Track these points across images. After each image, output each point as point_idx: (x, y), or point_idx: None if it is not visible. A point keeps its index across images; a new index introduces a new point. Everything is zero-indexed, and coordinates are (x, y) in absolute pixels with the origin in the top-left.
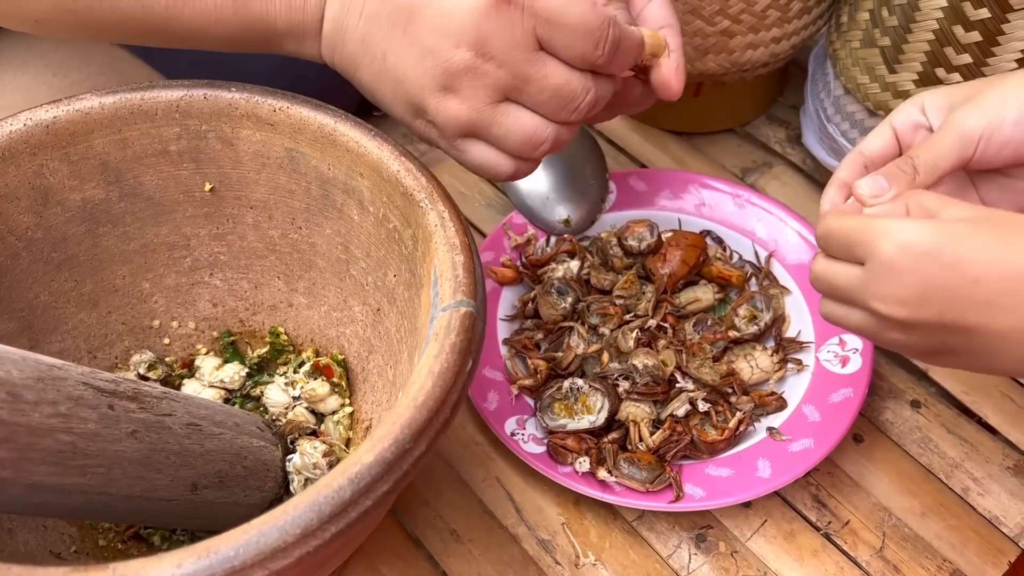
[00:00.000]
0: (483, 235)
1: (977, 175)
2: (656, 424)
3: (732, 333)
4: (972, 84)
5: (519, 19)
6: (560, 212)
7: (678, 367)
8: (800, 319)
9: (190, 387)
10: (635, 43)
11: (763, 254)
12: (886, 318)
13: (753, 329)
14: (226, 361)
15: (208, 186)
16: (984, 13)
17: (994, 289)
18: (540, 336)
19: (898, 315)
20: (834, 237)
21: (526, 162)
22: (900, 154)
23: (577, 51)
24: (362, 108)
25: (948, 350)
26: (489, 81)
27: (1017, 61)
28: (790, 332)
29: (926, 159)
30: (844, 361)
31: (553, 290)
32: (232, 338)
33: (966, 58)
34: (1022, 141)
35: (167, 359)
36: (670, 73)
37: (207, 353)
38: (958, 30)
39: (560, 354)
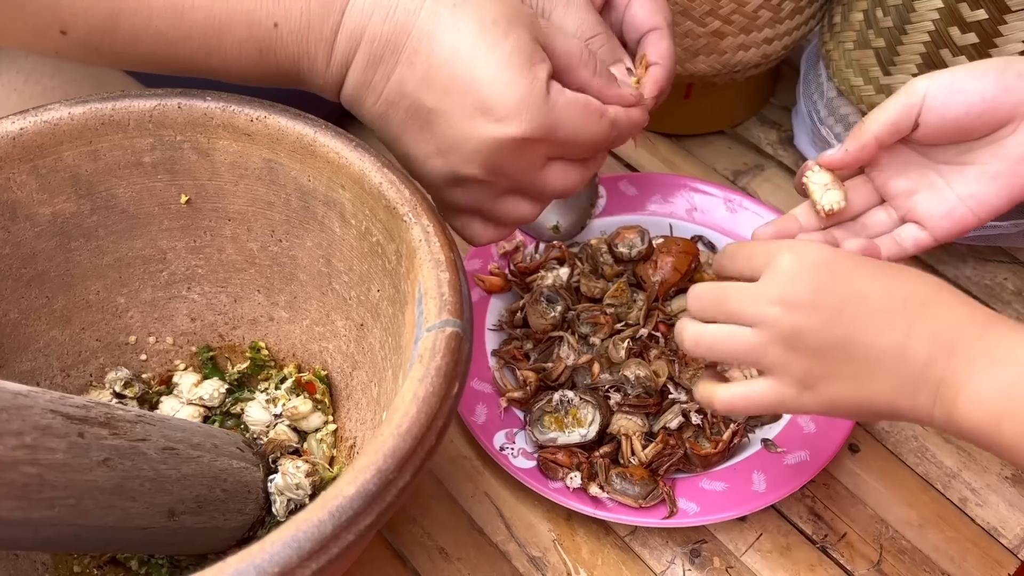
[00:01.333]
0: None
1: (946, 169)
2: (648, 437)
3: None
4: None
5: (536, 150)
6: (549, 218)
7: (671, 378)
8: None
9: (168, 404)
10: (633, 127)
11: None
12: (774, 324)
13: None
14: (205, 377)
15: (184, 198)
16: (981, 14)
17: (878, 307)
18: (529, 346)
19: (788, 320)
20: (736, 257)
21: (508, 230)
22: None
23: (583, 155)
24: (344, 116)
25: (830, 370)
26: (496, 190)
27: None
28: None
29: (873, 117)
30: None
31: (543, 298)
32: (211, 353)
33: (962, 60)
34: (970, 97)
35: (144, 376)
36: (648, 83)
37: (185, 369)
38: (954, 31)
39: (550, 365)
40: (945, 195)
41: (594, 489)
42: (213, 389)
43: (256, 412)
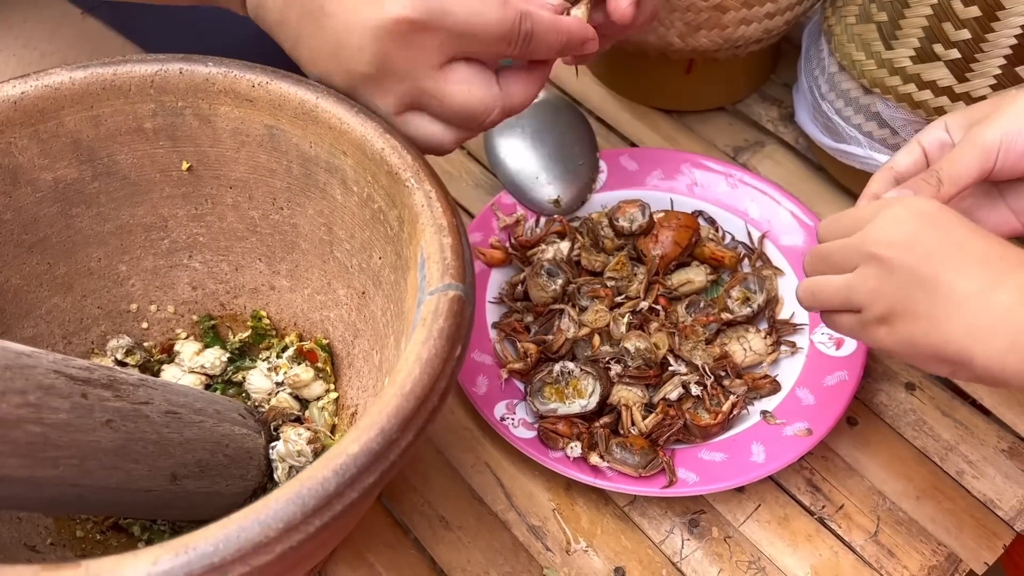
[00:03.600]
0: (471, 215)
1: (1005, 186)
2: (648, 408)
3: (725, 315)
4: (990, 102)
5: (424, 39)
6: (550, 192)
7: (670, 350)
8: (794, 301)
9: (170, 372)
10: (552, 30)
11: (756, 235)
12: (874, 260)
13: (746, 311)
14: (207, 346)
15: (185, 165)
16: None
17: (973, 256)
18: (530, 319)
19: (887, 254)
20: (843, 219)
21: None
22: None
23: (489, 54)
24: None
25: (910, 307)
26: (390, 93)
27: (1016, 36)
28: (784, 314)
29: (949, 172)
30: (839, 343)
31: (543, 272)
32: (213, 322)
33: (964, 34)
34: None
35: (145, 344)
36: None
37: (187, 338)
38: (957, 5)
39: (550, 337)
40: (999, 206)
41: (594, 458)
42: (215, 357)
43: (258, 380)
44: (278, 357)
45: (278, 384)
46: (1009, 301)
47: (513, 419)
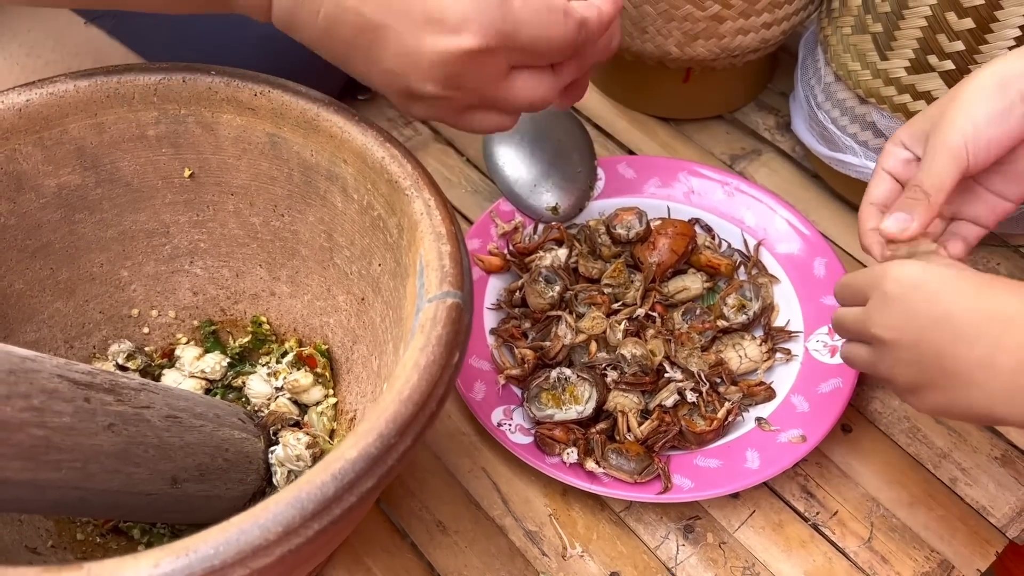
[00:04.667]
0: (469, 222)
1: (980, 176)
2: (644, 414)
3: (721, 322)
4: (935, 105)
5: (493, 61)
6: (548, 199)
7: (666, 357)
8: (789, 308)
9: (170, 377)
10: (603, 28)
11: (752, 243)
12: (880, 342)
13: (742, 318)
14: (207, 351)
15: (188, 172)
16: None
17: (963, 323)
18: (527, 325)
19: (887, 336)
20: (848, 288)
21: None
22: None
23: (549, 61)
24: (346, 91)
25: (928, 381)
26: (459, 104)
27: (1009, 48)
28: (779, 321)
29: (931, 182)
30: (833, 351)
31: (541, 278)
32: (213, 327)
33: (959, 45)
34: (999, 134)
35: (146, 349)
36: None
37: (187, 342)
38: (951, 16)
39: (548, 343)
40: (983, 196)
41: (590, 464)
42: (215, 362)
43: (257, 385)
44: (277, 362)
45: (277, 389)
46: (1013, 364)
47: (510, 425)
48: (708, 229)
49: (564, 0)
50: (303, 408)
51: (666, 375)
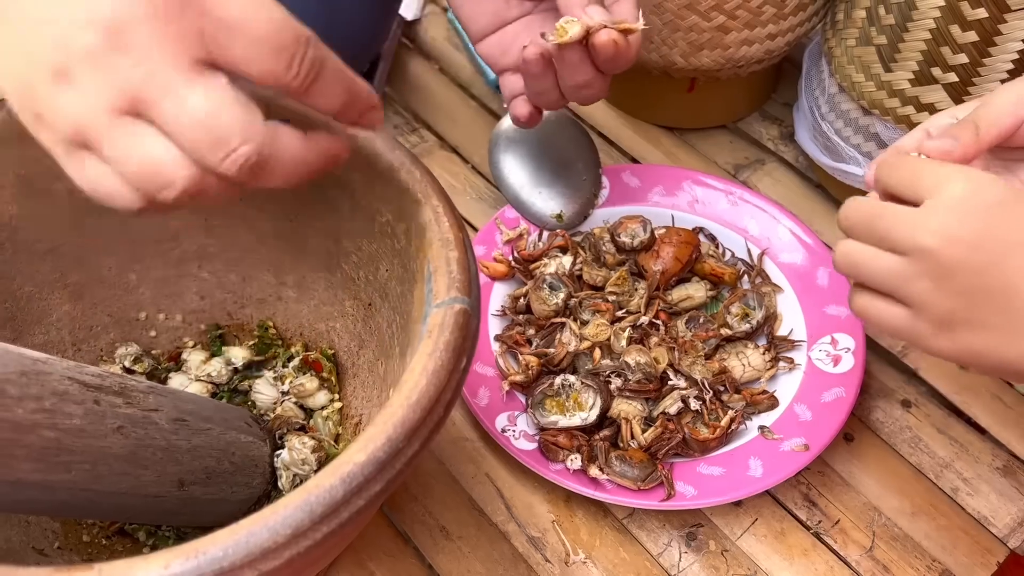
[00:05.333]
0: (475, 229)
1: (1017, 165)
2: (648, 422)
3: (724, 331)
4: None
5: (183, 15)
6: (552, 207)
7: (670, 364)
8: (792, 317)
9: (176, 381)
10: (345, 80)
11: (756, 252)
12: (927, 255)
13: (745, 327)
14: (213, 355)
15: None
16: (982, 13)
17: None
18: (532, 332)
19: (945, 253)
20: (899, 171)
21: (155, 202)
22: None
23: (260, 68)
24: None
25: (977, 317)
26: (115, 78)
27: (1013, 62)
28: (782, 330)
29: (987, 114)
30: (836, 360)
31: (545, 286)
32: (220, 331)
33: (962, 58)
34: None
35: (153, 352)
36: (600, 42)
37: (194, 346)
38: (955, 30)
39: (552, 350)
40: (1012, 182)
41: (594, 471)
42: (221, 366)
43: (264, 388)
44: (284, 367)
45: (283, 393)
46: None
47: (514, 431)
48: (712, 238)
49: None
50: (308, 412)
51: (670, 383)
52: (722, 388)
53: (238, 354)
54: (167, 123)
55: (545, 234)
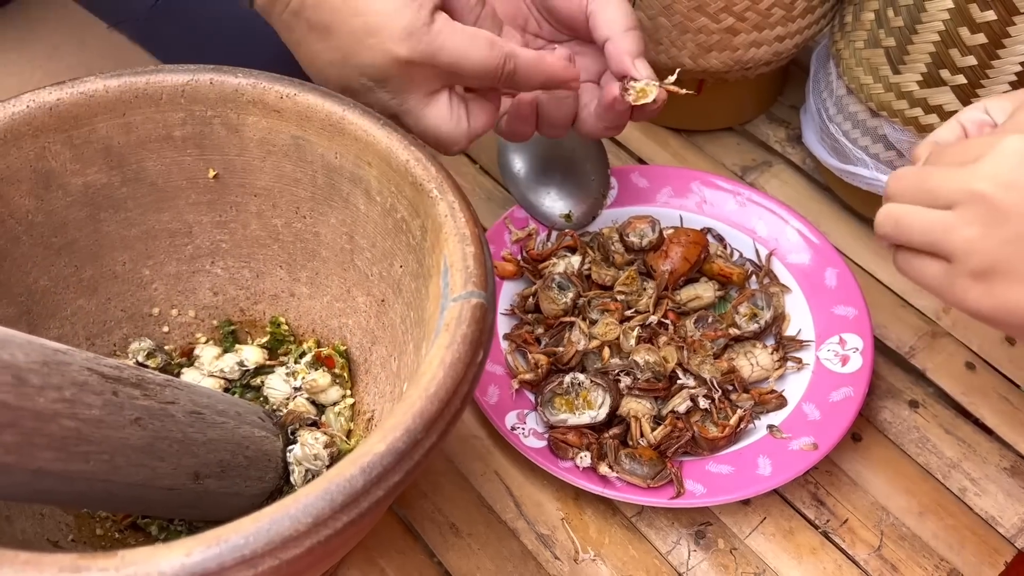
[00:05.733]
0: (484, 229)
1: None
2: (657, 420)
3: (732, 331)
4: None
5: (419, 72)
6: (561, 207)
7: (679, 363)
8: (800, 318)
9: (189, 376)
10: (535, 68)
11: (764, 252)
12: (978, 201)
13: (753, 327)
14: (226, 351)
15: (212, 173)
16: (990, 15)
17: None
18: (541, 331)
19: (999, 196)
20: (955, 146)
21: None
22: None
23: (480, 83)
24: None
25: (1010, 269)
26: (377, 101)
27: (1021, 64)
28: (790, 330)
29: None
30: (844, 360)
31: (554, 285)
32: (232, 327)
33: (971, 60)
34: None
35: (166, 347)
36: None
37: (207, 342)
38: (964, 32)
39: (561, 349)
40: None
41: (603, 468)
42: (233, 362)
43: (276, 384)
44: (296, 362)
45: (296, 389)
46: None
47: (524, 429)
48: (720, 238)
49: (492, 35)
50: (320, 408)
51: (679, 382)
52: (731, 387)
53: (250, 356)
54: (407, 128)
55: (554, 234)
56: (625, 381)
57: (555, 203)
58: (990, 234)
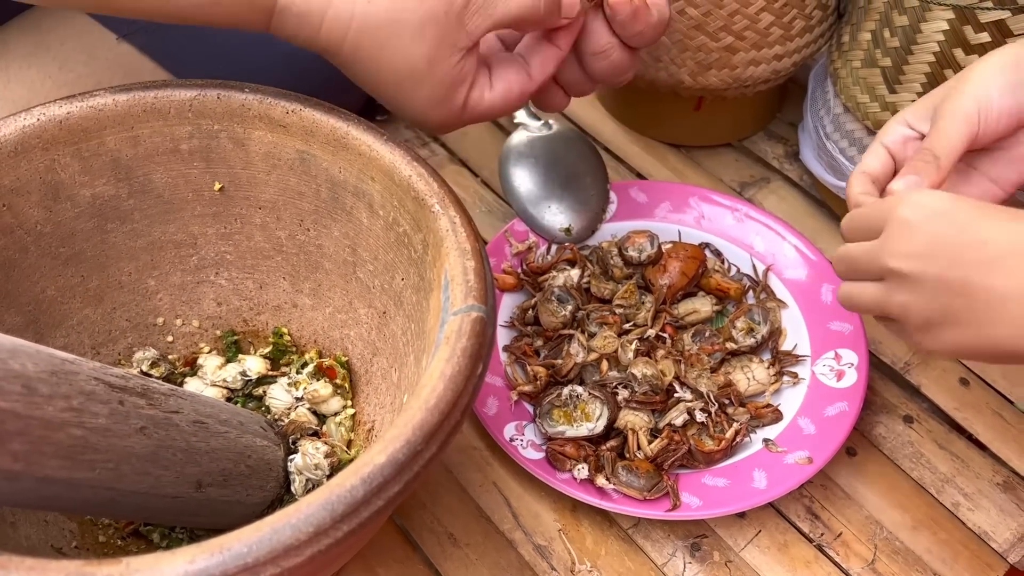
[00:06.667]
0: (484, 242)
1: (976, 158)
2: (654, 433)
3: (729, 345)
4: (945, 85)
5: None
6: (561, 221)
7: (676, 377)
8: (796, 332)
9: (192, 385)
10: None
11: (761, 268)
12: (895, 276)
13: (750, 341)
14: (228, 360)
15: (218, 185)
16: (984, 37)
17: (1000, 251)
18: (540, 343)
19: (906, 268)
20: (857, 221)
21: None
22: (896, 169)
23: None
24: (366, 109)
25: (949, 316)
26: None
27: None
28: (786, 345)
29: (943, 145)
30: (840, 375)
31: (553, 298)
32: (235, 337)
33: None
34: (1011, 105)
35: (170, 357)
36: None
37: (210, 352)
38: (958, 53)
39: (560, 361)
40: (976, 179)
41: (601, 480)
42: (236, 372)
43: (278, 394)
44: (298, 373)
45: (297, 399)
46: None
47: (522, 440)
48: (718, 253)
49: (519, 88)
50: (322, 418)
51: (676, 395)
52: (727, 401)
53: (253, 366)
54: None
55: (554, 247)
56: (623, 394)
57: (555, 217)
58: (915, 299)
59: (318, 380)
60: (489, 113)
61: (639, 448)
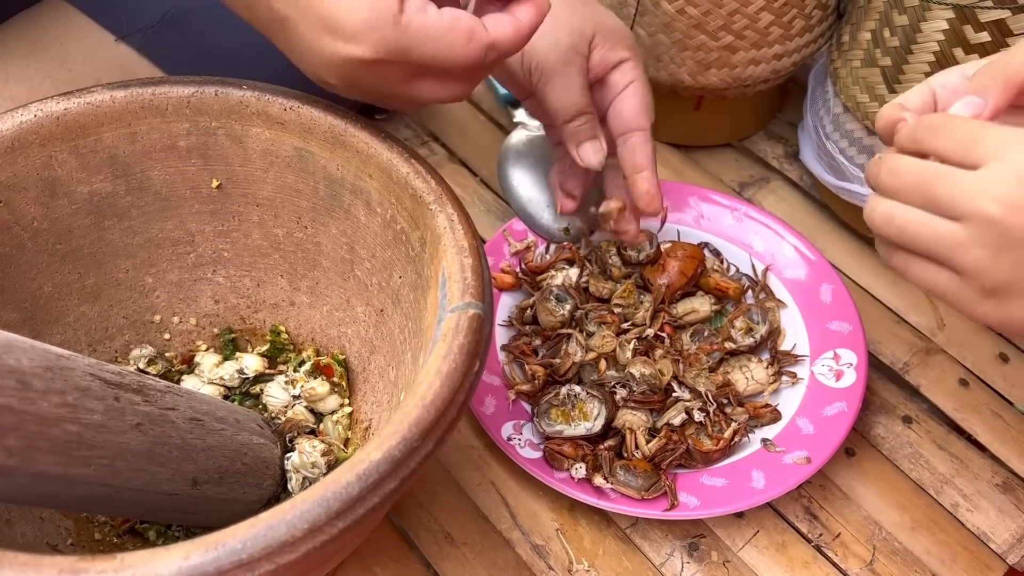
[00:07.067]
0: (483, 241)
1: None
2: (652, 432)
3: (728, 344)
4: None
5: (391, 69)
6: (560, 220)
7: (675, 376)
8: (795, 332)
9: (189, 383)
10: (520, 42)
11: (760, 267)
12: (981, 220)
13: (749, 341)
14: (226, 358)
15: (215, 183)
16: (984, 36)
17: None
18: (538, 342)
19: (1009, 221)
20: (951, 132)
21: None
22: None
23: (454, 76)
24: (364, 108)
25: (1022, 288)
26: (365, 95)
27: None
28: (785, 345)
29: (1008, 71)
30: (838, 375)
31: (552, 297)
32: (233, 335)
33: None
34: None
35: (167, 354)
36: (642, 191)
37: (207, 350)
38: (958, 52)
39: (558, 360)
40: None
41: (598, 480)
42: (233, 370)
43: (275, 392)
44: (295, 371)
45: (295, 397)
46: None
47: (520, 440)
48: (717, 253)
49: (471, 23)
50: (319, 416)
51: (674, 394)
52: (725, 401)
53: (250, 364)
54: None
55: (552, 247)
56: (621, 393)
57: (554, 216)
58: (1001, 255)
59: (315, 378)
60: (430, 37)
61: (637, 448)
